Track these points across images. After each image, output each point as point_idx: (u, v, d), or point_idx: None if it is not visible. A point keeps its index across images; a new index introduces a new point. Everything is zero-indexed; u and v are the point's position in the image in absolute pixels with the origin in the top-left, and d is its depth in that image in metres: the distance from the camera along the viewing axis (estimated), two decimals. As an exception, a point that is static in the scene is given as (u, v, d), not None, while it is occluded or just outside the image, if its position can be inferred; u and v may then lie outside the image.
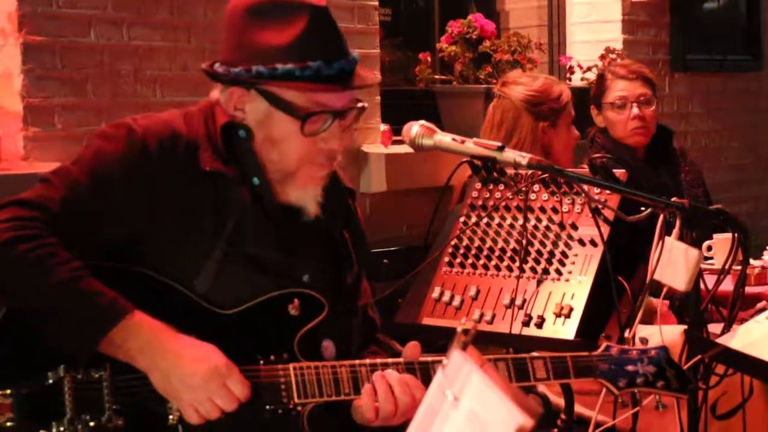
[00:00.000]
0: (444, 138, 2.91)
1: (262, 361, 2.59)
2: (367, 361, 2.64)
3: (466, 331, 1.83)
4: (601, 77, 5.12)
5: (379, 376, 2.59)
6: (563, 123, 4.44)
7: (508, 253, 3.00)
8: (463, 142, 2.93)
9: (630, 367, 2.75)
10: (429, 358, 2.66)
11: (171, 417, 2.51)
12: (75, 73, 3.97)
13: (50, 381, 2.48)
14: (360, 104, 2.70)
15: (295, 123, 2.62)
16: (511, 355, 2.77)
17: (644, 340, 2.79)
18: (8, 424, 2.45)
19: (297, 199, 2.71)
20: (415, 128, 2.91)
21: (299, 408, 2.57)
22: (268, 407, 2.56)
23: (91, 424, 2.48)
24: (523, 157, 2.86)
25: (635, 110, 4.90)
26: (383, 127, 4.93)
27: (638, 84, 4.94)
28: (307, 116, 2.61)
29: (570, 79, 5.85)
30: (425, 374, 2.62)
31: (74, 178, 2.60)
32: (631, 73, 4.97)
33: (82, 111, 3.99)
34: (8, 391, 2.46)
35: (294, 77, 2.59)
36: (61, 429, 2.47)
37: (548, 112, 4.38)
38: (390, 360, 2.66)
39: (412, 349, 2.68)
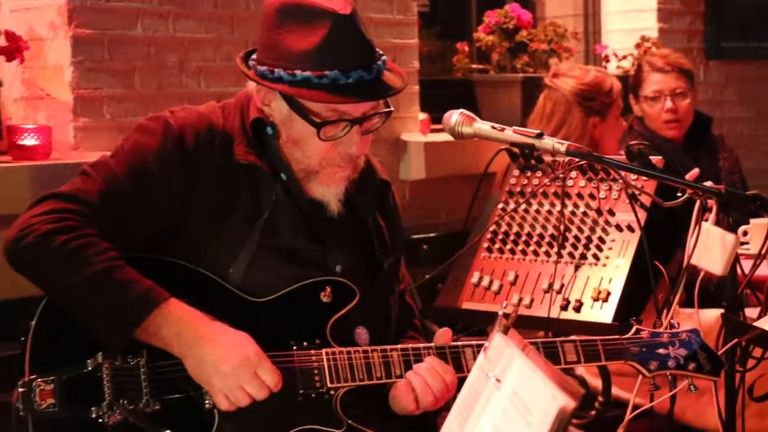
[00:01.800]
0: (483, 126, 2.88)
1: (295, 347, 2.59)
2: (399, 346, 2.64)
3: (507, 315, 1.83)
4: (639, 67, 5.08)
5: (412, 374, 2.60)
6: (613, 115, 4.42)
7: (546, 239, 3.00)
8: (502, 129, 2.90)
9: (661, 351, 2.73)
10: (459, 343, 2.66)
11: (206, 402, 2.52)
12: (122, 65, 3.99)
13: (89, 367, 2.49)
14: (385, 110, 2.68)
15: (312, 128, 2.61)
16: (541, 339, 2.76)
17: (675, 324, 2.78)
18: (50, 408, 2.46)
19: (320, 195, 2.71)
20: (455, 116, 2.89)
21: (332, 392, 2.58)
22: (301, 391, 2.56)
23: (129, 408, 2.48)
24: (561, 144, 2.84)
25: (669, 104, 4.87)
26: (422, 115, 4.93)
27: (674, 77, 4.90)
28: (323, 124, 2.59)
29: (605, 68, 5.82)
30: (456, 359, 2.62)
31: (112, 171, 2.62)
32: (668, 65, 4.92)
33: (129, 101, 4.01)
34: (50, 378, 2.47)
35: (311, 85, 2.56)
36: (100, 413, 2.47)
37: (599, 106, 4.37)
38: (421, 345, 2.66)
39: (443, 335, 2.68)
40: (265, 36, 2.65)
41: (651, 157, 3.02)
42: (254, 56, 2.69)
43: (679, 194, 2.86)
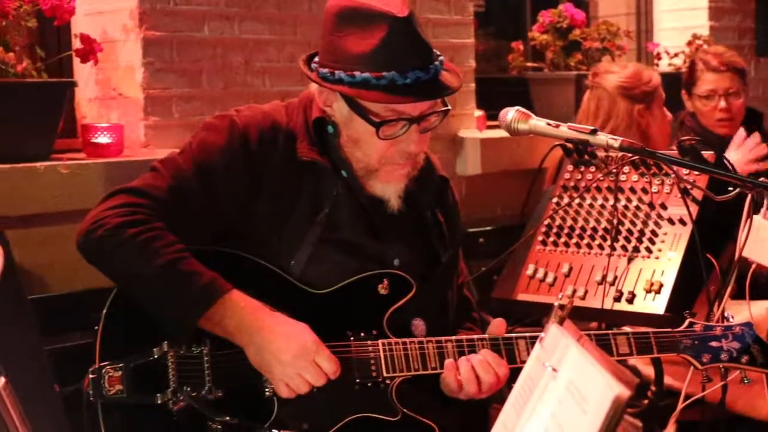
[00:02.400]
0: (539, 122, 2.86)
1: (352, 338, 2.60)
2: (453, 337, 2.63)
3: (562, 306, 1.81)
4: (692, 64, 5.02)
5: (463, 360, 2.59)
6: (656, 105, 4.39)
7: (599, 232, 2.97)
8: (557, 126, 2.88)
9: (714, 344, 2.71)
10: (512, 335, 2.66)
11: (267, 390, 2.54)
12: (190, 66, 4.01)
13: (155, 355, 2.53)
14: (442, 108, 2.67)
15: (371, 128, 2.61)
16: (594, 331, 2.74)
17: (729, 317, 2.75)
18: (118, 394, 2.50)
19: (381, 192, 2.72)
20: (511, 113, 2.87)
21: (388, 381, 2.59)
22: (358, 380, 2.58)
23: (193, 395, 2.52)
24: (615, 140, 2.81)
25: (722, 103, 4.84)
26: (478, 112, 4.91)
27: (728, 76, 4.85)
28: (381, 123, 2.59)
29: (657, 65, 5.80)
30: (510, 350, 2.62)
31: (180, 167, 2.65)
32: (722, 65, 4.87)
33: (197, 101, 4.03)
34: (118, 365, 2.51)
35: (370, 86, 2.57)
36: (165, 399, 2.51)
37: (642, 95, 4.34)
38: (475, 336, 2.66)
39: (497, 326, 2.68)
40: (326, 39, 2.65)
41: (703, 152, 3.00)
42: (316, 59, 2.70)
43: (730, 188, 2.83)
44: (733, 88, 4.85)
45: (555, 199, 3.10)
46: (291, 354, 2.47)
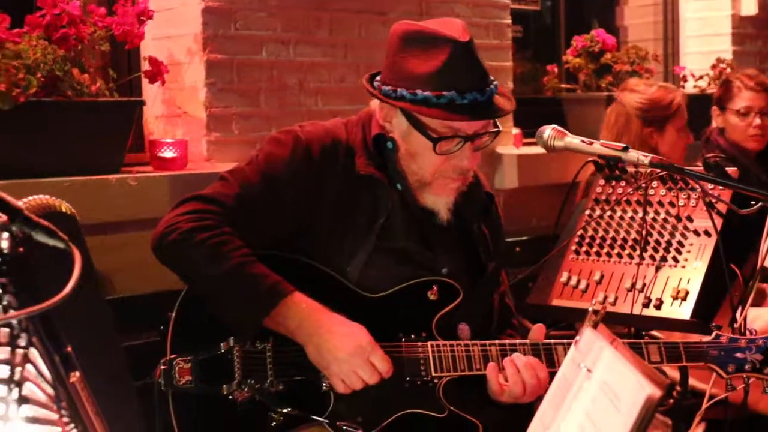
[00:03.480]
0: (573, 140, 2.86)
1: (403, 339, 2.60)
2: (497, 341, 2.63)
3: (596, 312, 1.81)
4: (727, 83, 4.99)
5: (508, 361, 2.59)
6: (672, 127, 4.34)
7: (629, 243, 2.96)
8: (591, 143, 2.88)
9: (739, 355, 2.70)
10: (552, 341, 2.65)
11: (324, 385, 2.55)
12: (249, 86, 4.01)
13: (222, 350, 2.55)
14: (494, 129, 2.67)
15: (429, 143, 2.62)
16: (628, 340, 2.73)
17: (753, 331, 2.74)
18: (187, 385, 2.52)
19: (432, 203, 2.72)
20: (547, 131, 2.87)
21: (435, 380, 2.59)
22: (408, 379, 2.58)
23: (256, 387, 2.54)
24: (645, 157, 2.81)
25: (757, 120, 4.84)
26: (515, 130, 4.90)
27: (764, 96, 4.86)
28: (439, 139, 2.61)
29: (684, 87, 5.75)
30: (549, 355, 2.62)
31: (247, 177, 2.66)
32: (759, 86, 4.87)
33: (255, 119, 4.03)
34: (188, 358, 2.53)
35: (430, 104, 2.58)
36: (231, 390, 2.52)
37: (656, 118, 4.29)
38: (517, 341, 2.65)
39: (537, 331, 2.68)
40: (390, 60, 2.67)
41: (727, 168, 2.99)
42: (378, 78, 2.71)
43: (753, 202, 2.82)
44: (766, 107, 4.86)
45: (587, 212, 3.09)
46: (347, 352, 2.48)
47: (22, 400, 1.57)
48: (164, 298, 2.67)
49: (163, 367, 2.51)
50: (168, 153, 3.76)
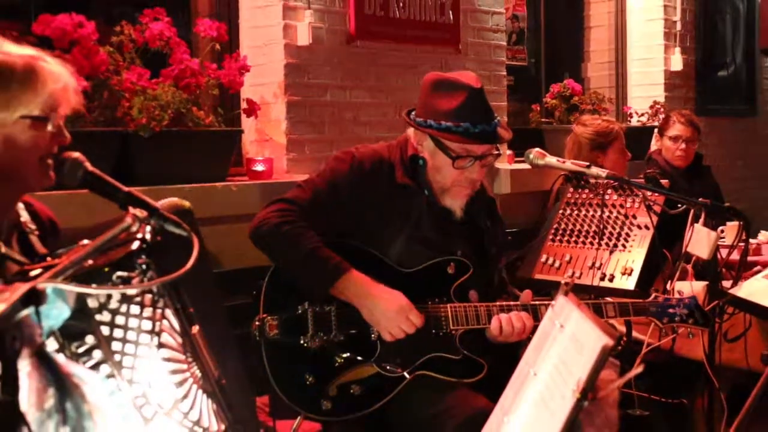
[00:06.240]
0: (551, 159, 2.86)
1: (429, 302, 2.59)
2: (498, 303, 2.62)
3: (567, 284, 1.81)
4: (667, 117, 4.99)
5: (504, 314, 2.57)
6: (612, 150, 4.21)
7: (591, 233, 2.94)
8: (563, 162, 2.89)
9: (671, 310, 2.70)
10: (536, 302, 2.63)
11: (372, 335, 2.54)
12: (317, 120, 3.98)
13: (299, 311, 2.53)
14: (496, 152, 2.66)
15: (449, 160, 2.60)
16: (591, 301, 2.72)
17: (680, 293, 2.73)
18: (275, 337, 2.51)
19: (450, 204, 2.69)
20: (532, 153, 2.86)
21: (453, 332, 2.57)
22: (433, 331, 2.57)
23: (324, 338, 2.51)
24: (603, 172, 2.81)
25: (683, 145, 4.83)
26: (508, 152, 4.88)
27: (690, 129, 4.86)
28: (456, 157, 2.59)
29: (630, 121, 5.71)
30: (534, 312, 2.59)
31: (317, 185, 2.64)
32: (687, 121, 4.87)
33: (321, 143, 3.99)
34: (275, 317, 2.52)
35: (451, 131, 2.57)
36: (306, 341, 2.52)
37: (600, 144, 4.20)
38: (512, 303, 2.63)
39: (525, 296, 2.65)
40: (422, 100, 2.65)
41: (661, 180, 2.98)
42: (413, 113, 2.70)
43: (679, 205, 2.81)
44: (691, 136, 4.86)
45: (561, 211, 3.08)
46: (393, 312, 2.48)
47: (161, 345, 1.59)
48: (256, 272, 2.64)
49: (257, 323, 2.50)
50: (259, 167, 3.74)
